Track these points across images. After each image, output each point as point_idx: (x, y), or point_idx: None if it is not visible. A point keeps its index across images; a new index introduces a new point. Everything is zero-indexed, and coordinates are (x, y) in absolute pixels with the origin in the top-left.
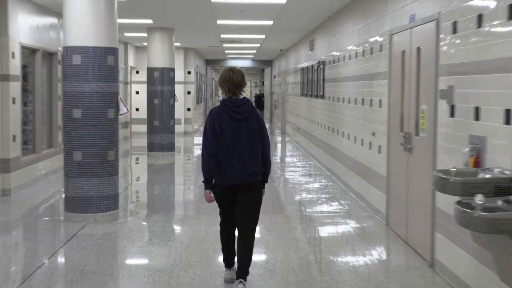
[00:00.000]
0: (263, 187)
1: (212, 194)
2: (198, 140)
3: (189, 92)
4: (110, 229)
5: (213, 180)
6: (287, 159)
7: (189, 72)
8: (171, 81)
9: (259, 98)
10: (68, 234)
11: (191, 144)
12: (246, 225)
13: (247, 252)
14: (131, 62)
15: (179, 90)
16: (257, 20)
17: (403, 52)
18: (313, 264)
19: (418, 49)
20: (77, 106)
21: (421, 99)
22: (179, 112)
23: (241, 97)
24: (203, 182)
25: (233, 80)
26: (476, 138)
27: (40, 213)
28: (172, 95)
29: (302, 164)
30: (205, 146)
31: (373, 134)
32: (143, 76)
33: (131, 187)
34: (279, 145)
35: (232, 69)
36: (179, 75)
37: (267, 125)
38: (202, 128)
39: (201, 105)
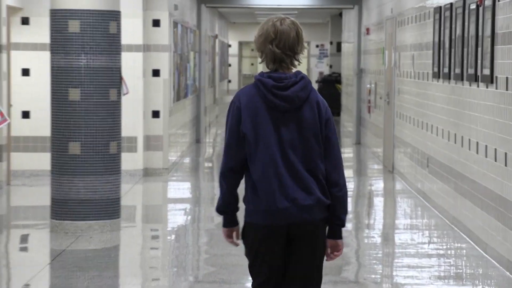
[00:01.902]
0: (338, 236)
1: (235, 236)
2: (183, 189)
3: (156, 73)
4: None
5: (236, 213)
6: (400, 237)
7: (156, 23)
8: (112, 45)
9: (328, 84)
10: None
11: (163, 201)
12: None
13: None
14: None
15: (131, 66)
16: None
17: None
18: None
19: None
20: None
21: None
22: (133, 121)
23: (292, 71)
24: (218, 213)
25: (281, 39)
26: None
27: None
28: (116, 79)
29: (439, 249)
30: (225, 155)
31: None
32: (40, 33)
33: None
34: (379, 201)
35: (280, 21)
36: (131, 30)
37: (349, 153)
38: (186, 161)
39: (188, 104)
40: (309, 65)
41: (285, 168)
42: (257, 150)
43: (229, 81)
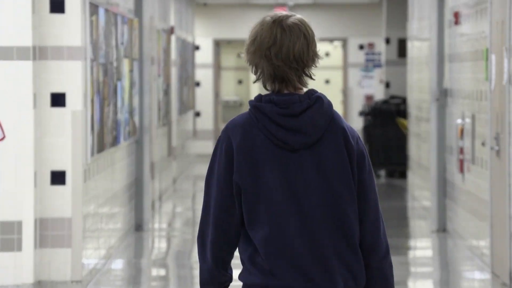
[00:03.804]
0: None
1: None
2: None
3: (58, 100)
4: None
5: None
6: None
7: (57, 7)
8: None
9: (383, 118)
10: None
11: None
12: None
13: None
14: None
15: (11, 87)
16: None
17: None
18: None
19: None
20: None
21: None
22: (16, 191)
23: (303, 91)
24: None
25: (282, 46)
26: None
27: None
28: None
29: None
30: (206, 215)
31: None
32: None
33: None
34: None
35: (281, 20)
36: (11, 19)
37: (425, 248)
38: (117, 267)
39: (120, 157)
40: (347, 82)
41: (300, 236)
42: (257, 210)
43: (197, 114)
